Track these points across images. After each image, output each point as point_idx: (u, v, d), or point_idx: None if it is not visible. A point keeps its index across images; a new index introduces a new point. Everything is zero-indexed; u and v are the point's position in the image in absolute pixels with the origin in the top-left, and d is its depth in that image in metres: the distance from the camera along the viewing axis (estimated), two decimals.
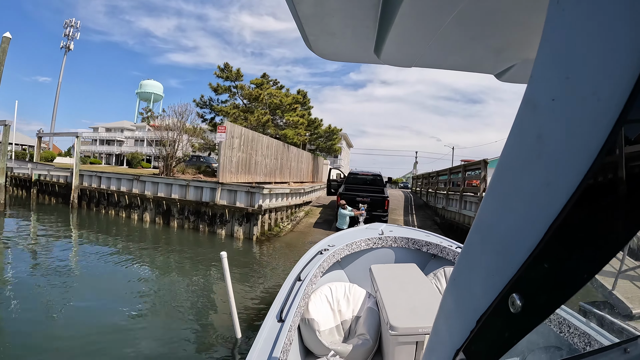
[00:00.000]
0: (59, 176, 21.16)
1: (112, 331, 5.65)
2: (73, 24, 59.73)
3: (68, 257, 10.22)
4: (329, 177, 20.20)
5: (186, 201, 14.69)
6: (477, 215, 0.65)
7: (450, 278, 0.76)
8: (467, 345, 0.67)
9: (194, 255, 11.14)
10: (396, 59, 1.29)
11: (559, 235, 0.47)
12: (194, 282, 8.70)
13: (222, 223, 14.00)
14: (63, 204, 19.85)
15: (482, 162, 13.28)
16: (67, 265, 9.33)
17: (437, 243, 4.19)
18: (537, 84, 0.50)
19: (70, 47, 59.81)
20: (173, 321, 6.28)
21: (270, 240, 13.60)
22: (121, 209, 17.05)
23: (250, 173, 16.71)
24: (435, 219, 19.33)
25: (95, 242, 12.17)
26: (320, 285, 3.51)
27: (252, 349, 2.08)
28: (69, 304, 6.60)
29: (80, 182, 19.23)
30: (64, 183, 20.51)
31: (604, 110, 0.40)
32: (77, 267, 9.27)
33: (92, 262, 9.71)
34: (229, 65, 24.05)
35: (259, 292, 8.32)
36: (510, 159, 0.56)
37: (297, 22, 1.11)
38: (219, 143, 14.01)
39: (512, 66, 1.20)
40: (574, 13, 0.44)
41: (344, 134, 36.83)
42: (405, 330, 2.37)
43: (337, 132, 33.00)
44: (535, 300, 0.53)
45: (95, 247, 11.32)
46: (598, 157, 0.41)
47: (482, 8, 0.89)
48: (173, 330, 5.95)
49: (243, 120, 22.10)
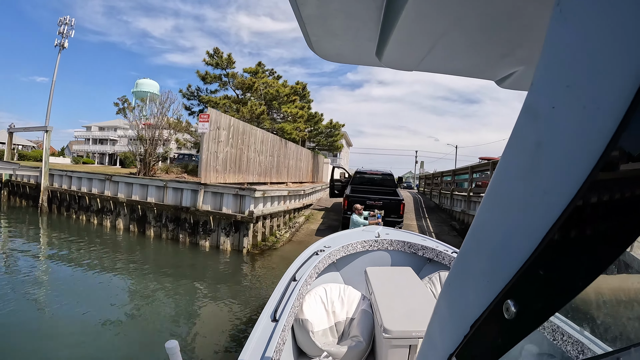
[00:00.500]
0: (29, 176, 18.69)
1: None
2: (67, 21, 59.21)
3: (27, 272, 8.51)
4: (332, 177, 17.77)
5: (164, 205, 12.22)
6: (474, 220, 0.66)
7: (445, 282, 0.78)
8: (461, 350, 0.68)
9: (168, 275, 8.78)
10: (397, 63, 1.28)
11: (555, 243, 0.48)
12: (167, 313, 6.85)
13: (206, 232, 11.50)
14: (34, 207, 17.45)
15: None
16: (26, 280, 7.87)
17: (433, 247, 4.21)
18: (537, 91, 0.51)
19: (64, 45, 59.34)
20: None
21: (264, 254, 11.16)
22: (92, 214, 14.64)
23: (241, 172, 14.11)
24: (452, 223, 16.99)
25: (55, 258, 9.94)
26: (315, 286, 3.48)
27: (245, 348, 2.09)
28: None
29: (50, 183, 16.96)
30: (34, 184, 18.07)
31: (604, 120, 0.41)
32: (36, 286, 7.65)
33: (47, 287, 7.80)
34: (219, 51, 21.24)
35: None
36: (509, 165, 0.57)
37: (299, 23, 1.10)
38: (201, 135, 11.52)
39: (514, 73, 1.17)
40: (576, 21, 0.45)
41: (344, 131, 34.31)
42: (399, 334, 2.37)
43: (339, 127, 30.12)
44: (530, 307, 0.53)
45: (56, 266, 9.22)
46: (596, 166, 0.42)
47: (485, 14, 0.89)
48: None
49: (235, 112, 19.42)
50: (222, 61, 21.38)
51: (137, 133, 15.15)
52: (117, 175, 13.99)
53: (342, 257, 4.20)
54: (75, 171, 16.32)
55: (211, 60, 21.45)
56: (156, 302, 7.16)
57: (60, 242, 11.82)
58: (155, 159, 14.79)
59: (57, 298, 7.00)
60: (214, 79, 22.07)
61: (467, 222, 15.51)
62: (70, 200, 16.03)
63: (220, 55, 21.37)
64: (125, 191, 13.44)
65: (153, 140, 14.79)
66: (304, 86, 26.02)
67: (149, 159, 14.61)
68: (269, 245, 11.90)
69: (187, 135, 20.21)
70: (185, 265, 9.98)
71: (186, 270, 9.31)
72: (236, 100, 21.51)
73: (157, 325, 6.26)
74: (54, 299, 6.99)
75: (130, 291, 7.77)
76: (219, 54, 21.37)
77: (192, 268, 9.73)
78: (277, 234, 13.14)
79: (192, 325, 6.46)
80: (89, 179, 15.14)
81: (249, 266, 10.05)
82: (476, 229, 0.65)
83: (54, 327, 5.87)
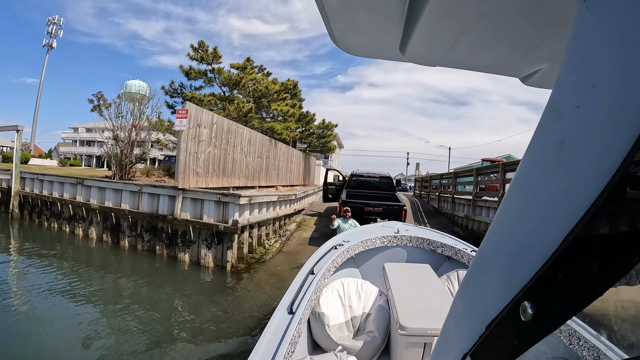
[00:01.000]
0: (0, 180, 17.29)
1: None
2: (56, 21, 59.99)
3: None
4: (325, 180, 16.58)
5: (138, 213, 10.86)
6: (494, 219, 0.66)
7: (462, 281, 0.77)
8: (475, 350, 0.68)
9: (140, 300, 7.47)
10: (421, 57, 1.26)
11: (575, 245, 0.47)
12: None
13: (185, 244, 10.15)
14: (5, 213, 16.00)
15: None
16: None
17: (452, 245, 4.15)
18: (562, 90, 0.51)
19: (53, 45, 61.03)
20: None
21: (251, 269, 9.82)
22: (64, 222, 13.29)
23: (226, 175, 12.76)
24: (454, 229, 15.86)
25: (21, 271, 8.91)
26: (332, 280, 3.48)
27: (260, 340, 2.10)
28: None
29: (22, 187, 15.55)
30: (6, 188, 16.61)
31: (629, 120, 0.40)
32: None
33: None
34: (204, 44, 19.64)
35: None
36: (531, 164, 0.57)
37: (323, 16, 1.09)
38: (178, 133, 10.23)
39: (538, 70, 1.16)
40: (602, 18, 0.44)
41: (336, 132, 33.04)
42: (415, 331, 2.36)
43: (332, 128, 28.82)
44: (547, 310, 0.53)
45: (13, 285, 7.94)
46: (620, 167, 0.41)
47: (510, 8, 0.88)
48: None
49: (220, 109, 18.04)
50: (207, 55, 19.97)
51: (112, 132, 13.83)
52: (90, 179, 12.61)
53: (361, 252, 4.16)
54: (47, 174, 14.90)
55: (196, 54, 20.05)
56: (124, 332, 5.89)
57: (25, 254, 10.51)
58: (130, 161, 13.42)
59: (16, 322, 5.96)
60: (198, 74, 20.65)
61: (472, 228, 14.53)
62: (42, 206, 14.67)
63: (205, 49, 19.92)
64: (98, 196, 12.12)
65: (130, 140, 13.47)
66: (295, 84, 24.60)
67: (125, 161, 13.28)
68: (256, 257, 10.60)
69: (170, 135, 18.70)
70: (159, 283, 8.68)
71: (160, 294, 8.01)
72: (222, 97, 20.15)
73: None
74: (13, 321, 5.96)
75: (94, 320, 6.40)
76: (204, 47, 19.89)
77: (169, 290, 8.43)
78: (266, 244, 11.86)
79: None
80: (60, 183, 13.80)
81: (231, 287, 8.71)
82: (496, 227, 0.65)
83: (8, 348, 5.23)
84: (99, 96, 14.35)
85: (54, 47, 59.12)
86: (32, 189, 15.27)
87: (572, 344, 1.99)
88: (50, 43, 58.66)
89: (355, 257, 4.16)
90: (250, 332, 6.09)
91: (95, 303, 7.10)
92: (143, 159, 16.46)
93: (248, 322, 6.59)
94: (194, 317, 6.82)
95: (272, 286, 8.51)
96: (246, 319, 6.77)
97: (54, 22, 58.92)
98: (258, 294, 8.18)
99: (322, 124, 28.05)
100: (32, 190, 15.28)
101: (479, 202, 14.01)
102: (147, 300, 7.44)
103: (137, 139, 13.99)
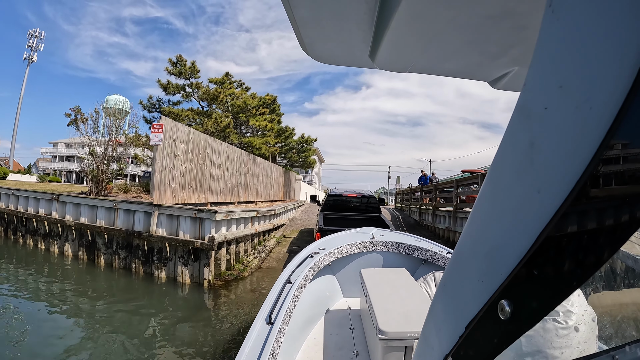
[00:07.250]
0: None
1: None
2: (37, 34, 59.16)
3: None
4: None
5: (114, 230, 10.75)
6: (468, 220, 0.66)
7: (440, 283, 0.78)
8: (456, 350, 0.68)
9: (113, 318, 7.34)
10: (391, 64, 1.29)
11: (549, 242, 0.48)
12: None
13: (161, 261, 10.08)
14: None
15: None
16: None
17: (428, 248, 4.16)
18: (530, 92, 0.52)
19: (33, 58, 60.03)
20: None
21: (229, 286, 9.77)
22: (40, 239, 13.03)
23: (203, 191, 12.72)
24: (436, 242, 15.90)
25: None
26: (309, 289, 3.51)
27: (240, 352, 2.09)
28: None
29: None
30: None
31: (596, 120, 0.41)
32: None
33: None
34: (182, 59, 19.60)
35: None
36: (502, 165, 0.58)
37: (293, 26, 1.10)
38: (154, 148, 10.15)
39: (507, 73, 1.20)
40: (568, 22, 0.45)
41: (316, 147, 32.88)
42: (395, 335, 2.34)
43: (311, 142, 28.88)
44: (525, 307, 0.54)
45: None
46: (589, 166, 0.42)
47: (478, 14, 0.89)
48: None
49: (198, 125, 18.00)
50: (185, 70, 19.86)
51: (88, 147, 13.66)
52: (66, 195, 12.43)
53: (337, 259, 4.15)
54: (22, 190, 14.64)
55: (174, 68, 19.91)
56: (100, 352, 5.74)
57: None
58: (106, 177, 13.25)
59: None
60: (176, 89, 20.51)
61: (454, 239, 14.56)
62: (17, 223, 14.37)
63: (183, 63, 19.84)
64: (74, 213, 11.94)
65: (106, 155, 13.32)
66: (274, 98, 24.56)
67: (101, 177, 13.11)
68: (234, 274, 10.55)
69: (148, 150, 18.48)
70: (135, 301, 8.54)
71: (136, 312, 7.88)
72: (200, 112, 20.10)
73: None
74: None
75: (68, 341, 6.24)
76: (182, 62, 19.81)
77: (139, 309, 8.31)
78: (245, 260, 11.82)
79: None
80: (35, 199, 13.56)
81: (209, 305, 8.63)
82: (471, 228, 0.66)
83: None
84: (76, 110, 14.17)
85: (35, 60, 58.89)
86: (7, 205, 14.93)
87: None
88: (30, 57, 58.25)
89: (332, 265, 4.16)
90: (229, 348, 6.07)
91: (70, 323, 6.96)
92: (120, 174, 16.24)
93: (226, 337, 6.59)
94: (170, 334, 6.77)
95: (250, 302, 8.46)
96: (224, 335, 6.76)
97: (34, 35, 58.78)
98: (236, 309, 8.14)
99: (302, 139, 28.11)
100: (7, 206, 14.94)
101: (460, 213, 14.08)
102: (123, 319, 7.34)
103: (114, 155, 13.82)
